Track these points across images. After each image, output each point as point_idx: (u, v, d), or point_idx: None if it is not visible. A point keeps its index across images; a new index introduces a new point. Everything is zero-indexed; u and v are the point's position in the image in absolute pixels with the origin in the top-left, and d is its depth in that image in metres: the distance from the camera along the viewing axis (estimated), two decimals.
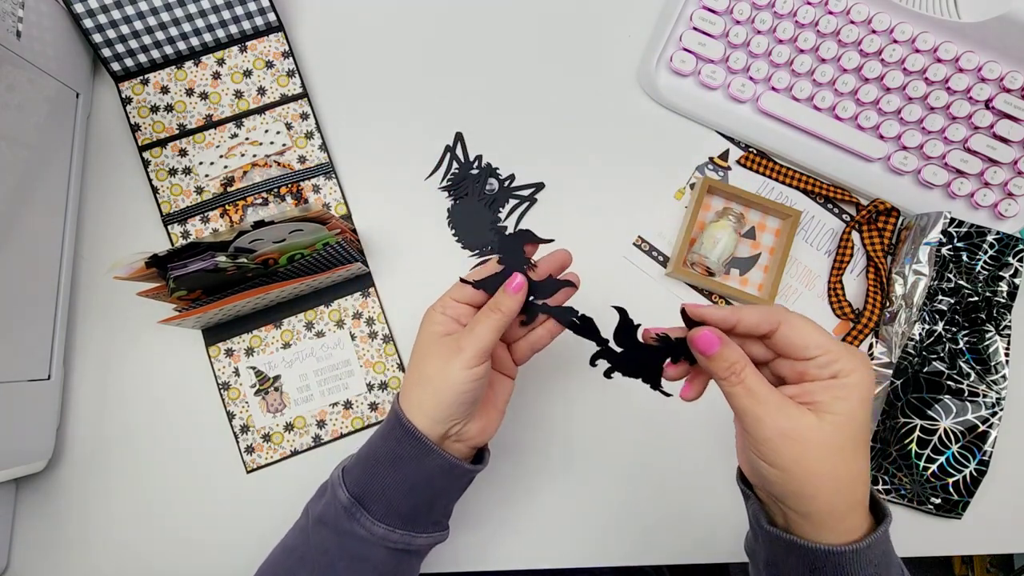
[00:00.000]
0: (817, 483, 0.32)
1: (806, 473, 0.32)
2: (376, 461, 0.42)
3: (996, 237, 0.56)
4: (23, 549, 0.56)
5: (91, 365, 0.57)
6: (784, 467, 0.32)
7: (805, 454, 0.32)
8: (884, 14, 0.56)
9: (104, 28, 0.55)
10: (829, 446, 0.32)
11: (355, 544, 0.40)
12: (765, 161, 0.60)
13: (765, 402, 0.33)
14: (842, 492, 0.33)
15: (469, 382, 0.39)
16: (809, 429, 0.32)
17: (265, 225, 0.46)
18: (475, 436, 0.43)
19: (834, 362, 0.33)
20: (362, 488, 0.41)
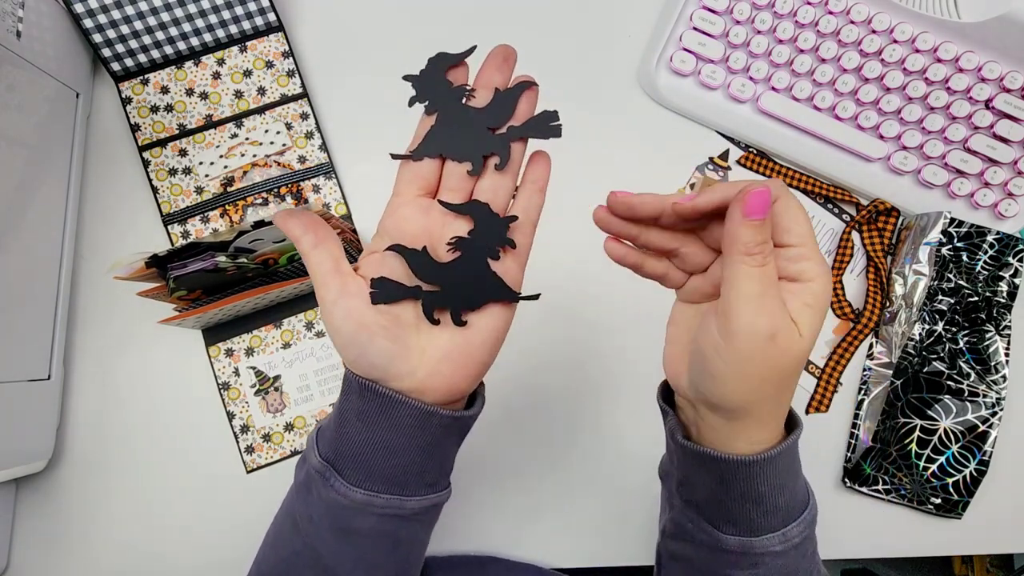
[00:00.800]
0: (764, 391, 0.31)
1: (761, 378, 0.30)
2: (345, 420, 0.34)
3: (996, 237, 0.56)
4: (23, 549, 0.56)
5: (91, 365, 0.57)
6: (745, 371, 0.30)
7: (772, 359, 0.30)
8: (884, 14, 0.56)
9: (104, 28, 0.55)
10: (794, 356, 0.30)
11: (338, 512, 0.34)
12: (765, 161, 0.60)
13: (771, 298, 0.29)
14: (774, 398, 0.32)
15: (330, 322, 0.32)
16: (793, 340, 0.30)
17: (265, 225, 0.46)
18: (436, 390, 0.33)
19: (805, 259, 0.30)
20: (336, 451, 0.34)
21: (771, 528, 0.34)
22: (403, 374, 0.32)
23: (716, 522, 0.35)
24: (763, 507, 0.34)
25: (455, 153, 0.33)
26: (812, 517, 0.36)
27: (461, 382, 0.34)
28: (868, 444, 0.57)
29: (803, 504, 0.36)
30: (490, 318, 0.34)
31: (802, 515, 0.35)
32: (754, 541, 0.34)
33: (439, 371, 0.33)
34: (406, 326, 0.33)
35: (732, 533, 0.35)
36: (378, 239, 0.34)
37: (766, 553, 0.34)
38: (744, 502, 0.34)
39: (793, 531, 0.34)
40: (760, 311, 0.29)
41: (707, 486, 0.35)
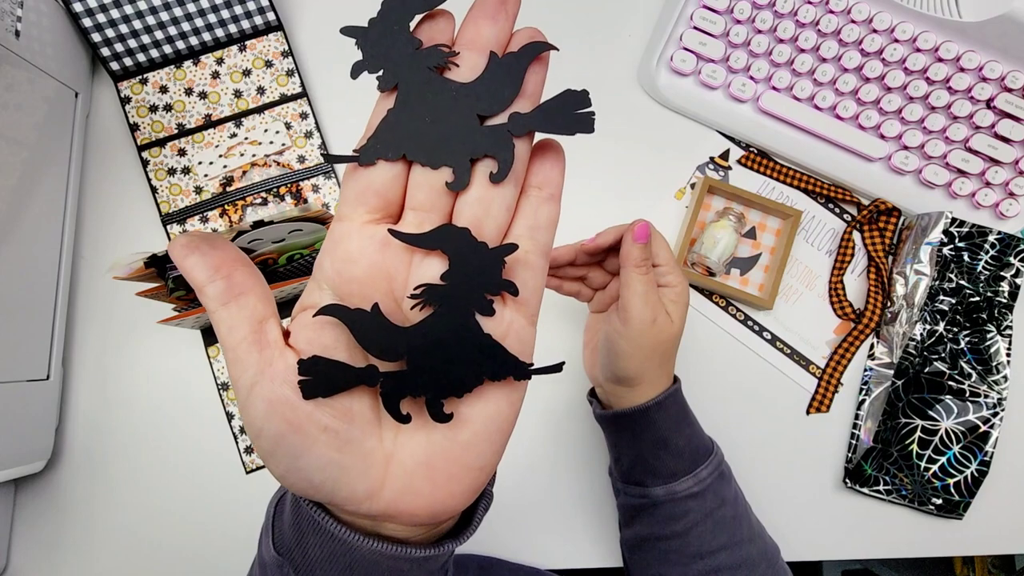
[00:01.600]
0: (651, 361, 0.44)
1: (648, 352, 0.43)
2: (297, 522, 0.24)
3: (997, 237, 0.56)
4: (22, 549, 0.56)
5: (90, 365, 0.57)
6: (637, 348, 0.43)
7: (656, 338, 0.43)
8: (885, 13, 0.56)
9: (103, 27, 0.55)
10: (670, 338, 0.44)
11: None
12: (766, 161, 0.60)
13: (654, 295, 0.43)
14: (659, 367, 0.45)
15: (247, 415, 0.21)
16: (664, 323, 0.43)
17: (264, 225, 0.46)
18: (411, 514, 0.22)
19: (668, 273, 0.45)
20: (288, 549, 0.25)
21: (684, 471, 0.44)
22: (359, 497, 0.21)
23: (644, 481, 0.46)
24: (669, 449, 0.45)
25: (426, 156, 0.21)
26: (718, 461, 0.46)
27: (449, 500, 0.22)
28: (869, 444, 0.57)
29: (707, 451, 0.46)
30: (488, 405, 0.22)
31: (708, 459, 0.45)
32: (674, 485, 0.44)
33: (415, 488, 0.22)
34: (361, 423, 0.21)
35: (657, 484, 0.45)
36: (314, 288, 0.22)
37: (688, 495, 0.44)
38: (655, 449, 0.45)
39: (703, 472, 0.44)
40: (645, 304, 0.43)
41: (628, 446, 0.46)
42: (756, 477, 0.57)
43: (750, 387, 0.58)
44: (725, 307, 0.59)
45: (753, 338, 0.59)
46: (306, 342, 0.21)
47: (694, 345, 0.59)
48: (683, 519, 0.44)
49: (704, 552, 0.44)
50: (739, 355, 0.59)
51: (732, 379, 0.59)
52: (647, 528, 0.46)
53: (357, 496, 0.21)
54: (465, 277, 0.20)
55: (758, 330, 0.59)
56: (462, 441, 0.22)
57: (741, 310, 0.59)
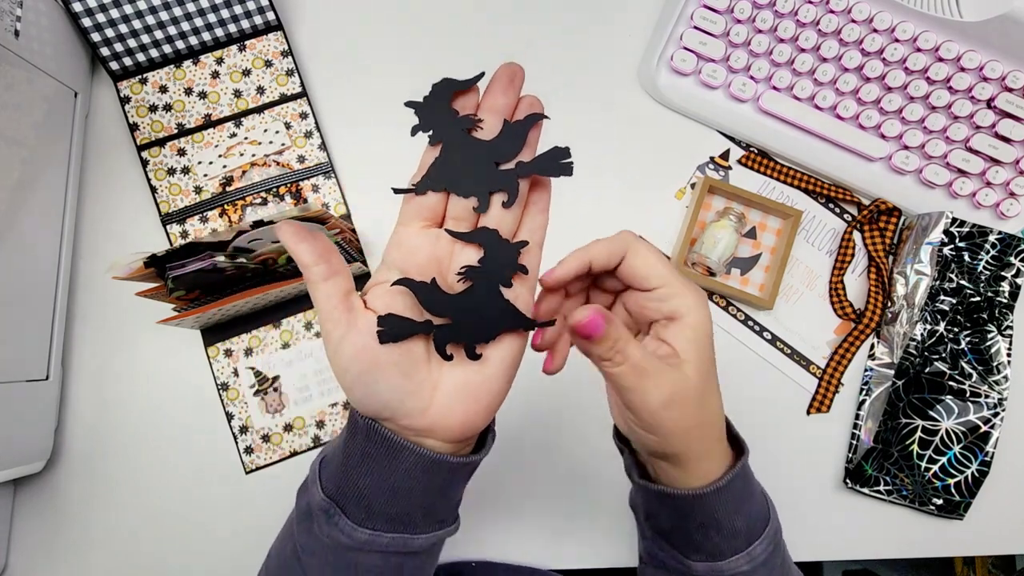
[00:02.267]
0: (691, 435, 0.33)
1: (683, 431, 0.32)
2: (348, 459, 0.32)
3: (998, 237, 0.56)
4: (22, 549, 0.55)
5: (89, 365, 0.57)
6: (667, 433, 0.32)
7: (683, 413, 0.32)
8: (885, 13, 0.56)
9: (102, 27, 0.55)
10: (696, 397, 0.32)
11: (341, 551, 0.33)
12: (766, 161, 0.60)
13: (649, 375, 0.31)
14: (702, 435, 0.33)
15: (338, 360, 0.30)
16: (682, 389, 0.31)
17: (264, 225, 0.46)
18: (449, 429, 0.31)
19: (673, 296, 0.32)
20: (339, 488, 0.33)
21: (735, 550, 0.35)
22: (414, 412, 0.31)
23: (684, 550, 0.37)
24: (723, 533, 0.35)
25: (461, 189, 0.31)
26: (774, 532, 0.37)
27: (475, 418, 0.32)
28: (869, 445, 0.57)
29: (764, 521, 0.37)
30: (503, 349, 0.32)
31: (764, 532, 0.36)
32: (721, 565, 0.35)
33: (452, 408, 0.31)
34: (417, 361, 0.31)
35: (699, 560, 0.36)
36: (384, 270, 0.32)
37: (736, 574, 0.35)
38: (705, 530, 0.35)
39: (757, 549, 0.36)
40: (645, 392, 0.31)
41: (669, 519, 0.37)
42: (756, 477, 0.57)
43: (750, 387, 0.58)
44: (725, 307, 0.59)
45: (753, 338, 0.59)
46: (382, 306, 0.30)
47: None
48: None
49: None
50: (739, 355, 0.59)
51: (732, 379, 0.58)
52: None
53: (413, 412, 0.31)
54: (494, 262, 0.31)
55: (758, 330, 0.59)
56: (485, 374, 0.32)
57: (741, 310, 0.59)
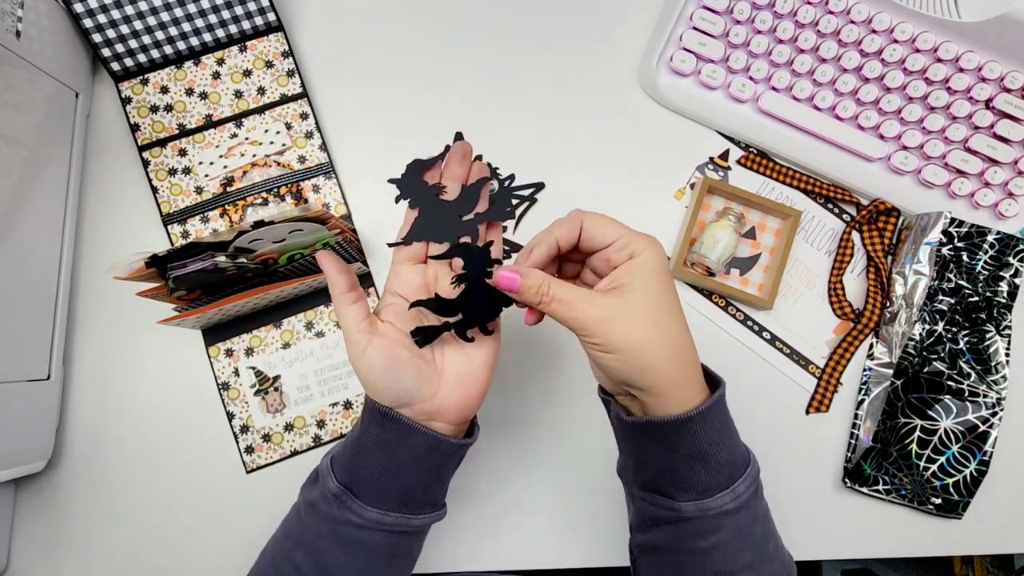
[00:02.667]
0: (644, 350, 0.36)
1: (630, 345, 0.36)
2: (362, 448, 0.40)
3: (996, 237, 0.56)
4: (23, 549, 0.56)
5: (91, 365, 0.57)
6: (615, 348, 0.36)
7: (625, 330, 0.36)
8: (884, 14, 0.56)
9: (104, 28, 0.55)
10: (639, 316, 0.36)
11: (348, 530, 0.40)
12: (765, 161, 0.60)
13: (576, 303, 0.36)
14: (667, 355, 0.37)
15: (365, 361, 0.38)
16: (618, 308, 0.36)
17: (265, 225, 0.46)
18: (451, 410, 0.40)
19: (629, 244, 0.37)
20: (350, 475, 0.41)
21: (720, 486, 0.38)
22: (427, 396, 0.40)
23: (672, 493, 0.39)
24: (708, 464, 0.38)
25: (437, 238, 0.41)
26: (755, 474, 0.40)
27: (471, 401, 0.41)
28: (868, 444, 0.57)
29: (745, 462, 0.40)
30: (484, 348, 0.41)
31: (746, 471, 0.39)
32: (708, 502, 0.38)
33: (454, 392, 0.40)
34: (428, 354, 0.41)
35: (688, 499, 0.39)
36: (389, 296, 0.41)
37: (722, 513, 0.38)
38: (692, 462, 0.38)
39: (740, 487, 0.38)
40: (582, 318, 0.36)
41: (659, 457, 0.40)
42: None
43: (750, 387, 0.58)
44: (725, 307, 0.59)
45: (753, 338, 0.59)
46: (394, 317, 0.40)
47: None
48: (712, 536, 0.39)
49: (726, 570, 0.39)
50: (739, 355, 0.59)
51: (732, 379, 0.58)
52: (668, 540, 0.41)
53: (426, 396, 0.40)
54: (473, 264, 0.39)
55: (758, 330, 0.59)
56: (475, 365, 0.41)
57: (741, 310, 0.59)
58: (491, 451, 0.57)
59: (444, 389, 0.40)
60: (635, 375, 0.37)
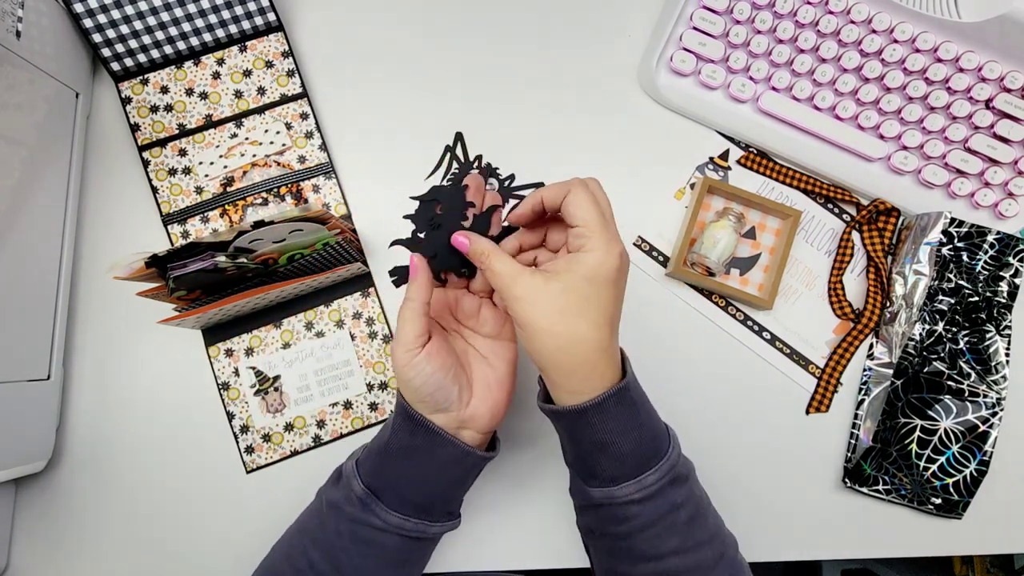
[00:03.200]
0: (541, 336, 0.38)
1: (531, 327, 0.38)
2: (389, 454, 0.42)
3: (996, 237, 0.56)
4: (23, 549, 0.56)
5: (91, 365, 0.57)
6: (519, 323, 0.38)
7: (532, 311, 0.38)
8: (884, 14, 0.56)
9: (104, 28, 0.55)
10: (549, 305, 0.37)
11: (368, 532, 0.42)
12: (765, 161, 0.60)
13: (504, 276, 0.39)
14: (563, 348, 0.38)
15: (414, 369, 0.40)
16: (535, 290, 0.38)
17: (265, 225, 0.46)
18: (483, 417, 0.43)
19: (587, 237, 0.38)
20: (376, 479, 0.43)
21: (626, 476, 0.39)
22: (462, 402, 0.42)
23: (585, 479, 0.42)
24: (610, 454, 0.39)
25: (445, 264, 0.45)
26: (671, 467, 0.40)
27: (498, 406, 0.43)
28: (868, 444, 0.57)
29: (658, 454, 0.40)
30: (505, 352, 0.45)
31: (657, 465, 0.39)
32: (614, 490, 0.39)
33: (484, 398, 0.43)
34: (459, 365, 0.43)
35: (595, 486, 0.41)
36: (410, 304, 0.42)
37: (629, 502, 0.39)
38: (593, 451, 0.40)
39: (648, 479, 0.39)
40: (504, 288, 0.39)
41: (568, 444, 0.43)
42: (756, 477, 0.58)
43: (750, 387, 0.58)
44: (725, 307, 0.59)
45: (753, 338, 0.59)
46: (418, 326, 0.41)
47: (694, 345, 0.59)
48: (626, 523, 0.40)
49: (651, 556, 0.40)
50: (739, 355, 0.59)
51: (732, 379, 0.59)
52: (593, 522, 0.43)
53: (462, 402, 0.42)
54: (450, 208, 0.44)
55: (758, 330, 0.59)
56: (498, 372, 0.44)
57: (741, 310, 0.59)
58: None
59: (475, 396, 0.43)
60: (532, 356, 0.39)
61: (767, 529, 0.57)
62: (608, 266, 0.38)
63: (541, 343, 0.38)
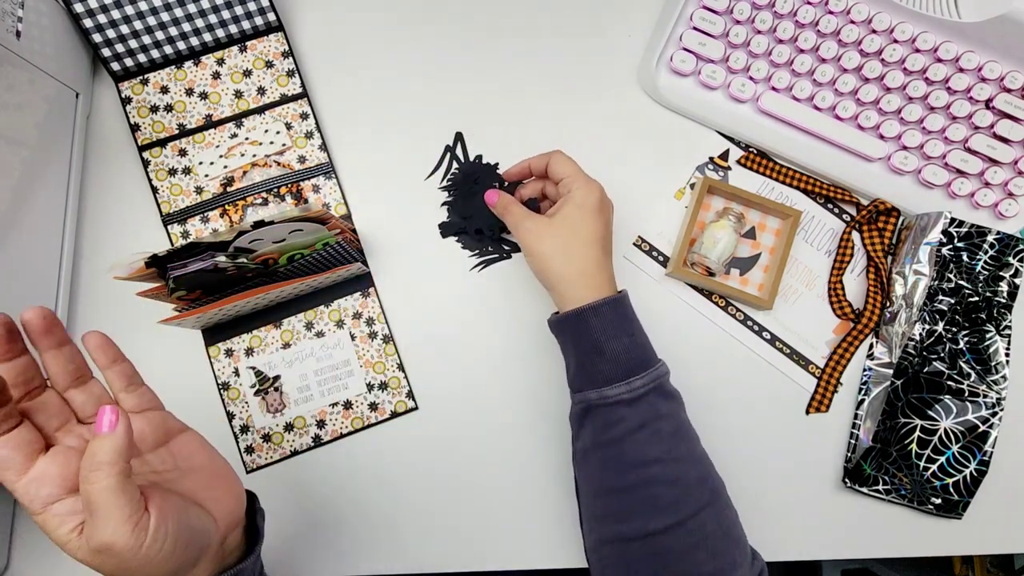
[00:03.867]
0: (547, 256, 0.48)
1: (538, 252, 0.48)
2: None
3: (996, 237, 0.56)
4: (23, 549, 0.56)
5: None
6: (528, 252, 0.49)
7: (538, 240, 0.48)
8: (884, 14, 0.56)
9: (104, 28, 0.55)
10: (551, 233, 0.48)
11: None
12: (765, 161, 0.60)
13: (519, 217, 0.50)
14: (565, 262, 0.48)
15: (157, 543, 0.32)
16: (540, 224, 0.49)
17: (265, 225, 0.46)
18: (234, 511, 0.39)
19: (571, 184, 0.50)
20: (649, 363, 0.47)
21: (617, 378, 0.45)
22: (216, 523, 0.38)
23: (583, 387, 0.47)
24: (605, 356, 0.46)
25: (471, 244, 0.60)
26: (658, 378, 0.46)
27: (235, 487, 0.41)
28: (868, 444, 0.57)
29: (646, 365, 0.46)
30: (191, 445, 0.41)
31: (646, 371, 0.46)
32: (606, 390, 0.45)
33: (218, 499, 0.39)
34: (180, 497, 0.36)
35: (591, 388, 0.46)
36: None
37: (619, 402, 0.45)
38: (592, 355, 0.46)
39: (636, 383, 0.45)
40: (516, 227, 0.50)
41: (569, 351, 0.48)
42: (756, 477, 0.58)
43: (750, 387, 0.58)
44: (725, 307, 0.59)
45: (753, 338, 0.59)
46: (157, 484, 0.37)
47: (694, 345, 0.59)
48: (617, 425, 0.45)
49: (638, 461, 0.45)
50: (739, 355, 0.59)
51: (732, 379, 0.59)
52: (589, 437, 0.47)
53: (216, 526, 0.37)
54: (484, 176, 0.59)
55: (758, 330, 0.59)
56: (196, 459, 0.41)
57: (741, 310, 0.59)
58: (492, 452, 0.57)
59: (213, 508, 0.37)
60: (540, 276, 0.49)
61: (767, 529, 0.57)
62: (592, 197, 0.49)
63: (547, 261, 0.48)
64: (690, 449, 0.47)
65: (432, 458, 0.57)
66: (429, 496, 0.57)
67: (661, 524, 0.43)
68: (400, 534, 0.56)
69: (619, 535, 0.45)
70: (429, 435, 0.57)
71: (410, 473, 0.57)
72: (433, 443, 0.57)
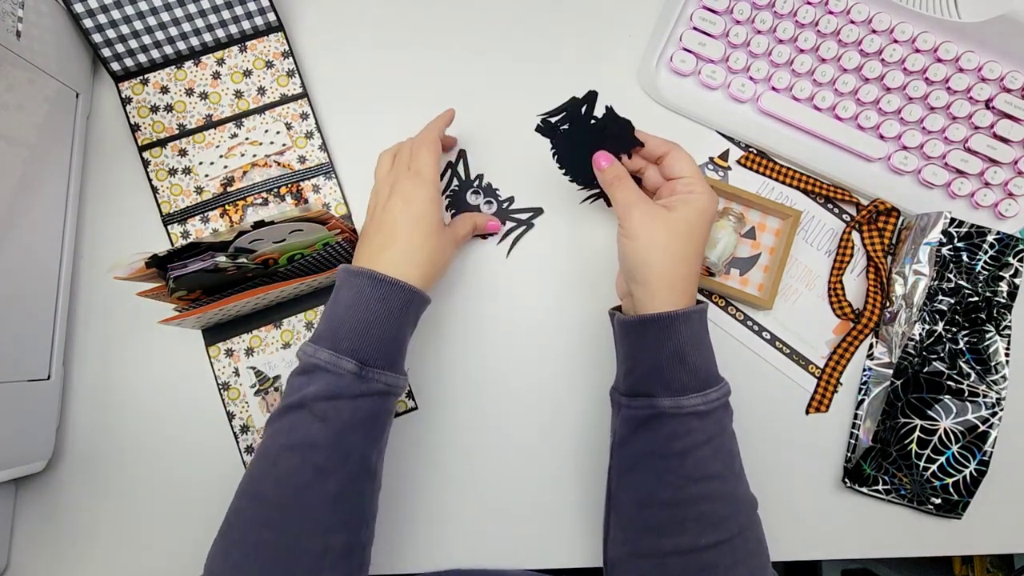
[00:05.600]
0: (652, 247, 0.46)
1: (645, 238, 0.46)
2: (368, 324, 0.45)
3: (996, 237, 0.56)
4: (23, 549, 0.56)
5: (91, 365, 0.57)
6: (633, 234, 0.46)
7: (653, 228, 0.46)
8: (884, 14, 0.56)
9: (104, 28, 0.55)
10: (664, 227, 0.46)
11: (370, 404, 0.45)
12: (765, 161, 0.60)
13: (636, 197, 0.47)
14: (668, 262, 0.46)
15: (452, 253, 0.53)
16: (660, 213, 0.46)
17: (265, 225, 0.46)
18: None
19: (693, 185, 0.47)
20: (362, 351, 0.44)
21: (694, 388, 0.44)
22: None
23: (654, 391, 0.45)
24: (687, 365, 0.44)
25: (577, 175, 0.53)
26: (725, 393, 0.46)
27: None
28: (868, 444, 0.57)
29: (718, 379, 0.46)
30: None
31: (718, 385, 0.45)
32: (683, 399, 0.44)
33: None
34: None
35: (666, 395, 0.45)
36: None
37: (694, 413, 0.44)
38: (673, 361, 0.45)
39: (712, 395, 0.44)
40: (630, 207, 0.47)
41: (646, 353, 0.46)
42: (756, 477, 0.57)
43: (750, 387, 0.58)
44: (725, 307, 0.59)
45: (753, 338, 0.59)
46: None
47: None
48: (685, 438, 0.44)
49: (699, 476, 0.44)
50: (739, 355, 0.59)
51: (732, 379, 0.58)
52: (647, 445, 0.46)
53: None
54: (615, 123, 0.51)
55: (758, 330, 0.59)
56: None
57: (741, 310, 0.59)
58: (493, 452, 0.57)
59: None
60: (638, 265, 0.46)
61: (767, 529, 0.56)
62: (713, 208, 0.48)
63: (653, 254, 0.45)
64: (741, 466, 0.47)
65: (431, 458, 0.57)
66: (428, 496, 0.57)
67: (712, 539, 0.43)
68: (399, 534, 0.56)
69: (658, 549, 0.44)
70: (429, 435, 0.57)
71: (409, 473, 0.57)
72: (433, 443, 0.57)
